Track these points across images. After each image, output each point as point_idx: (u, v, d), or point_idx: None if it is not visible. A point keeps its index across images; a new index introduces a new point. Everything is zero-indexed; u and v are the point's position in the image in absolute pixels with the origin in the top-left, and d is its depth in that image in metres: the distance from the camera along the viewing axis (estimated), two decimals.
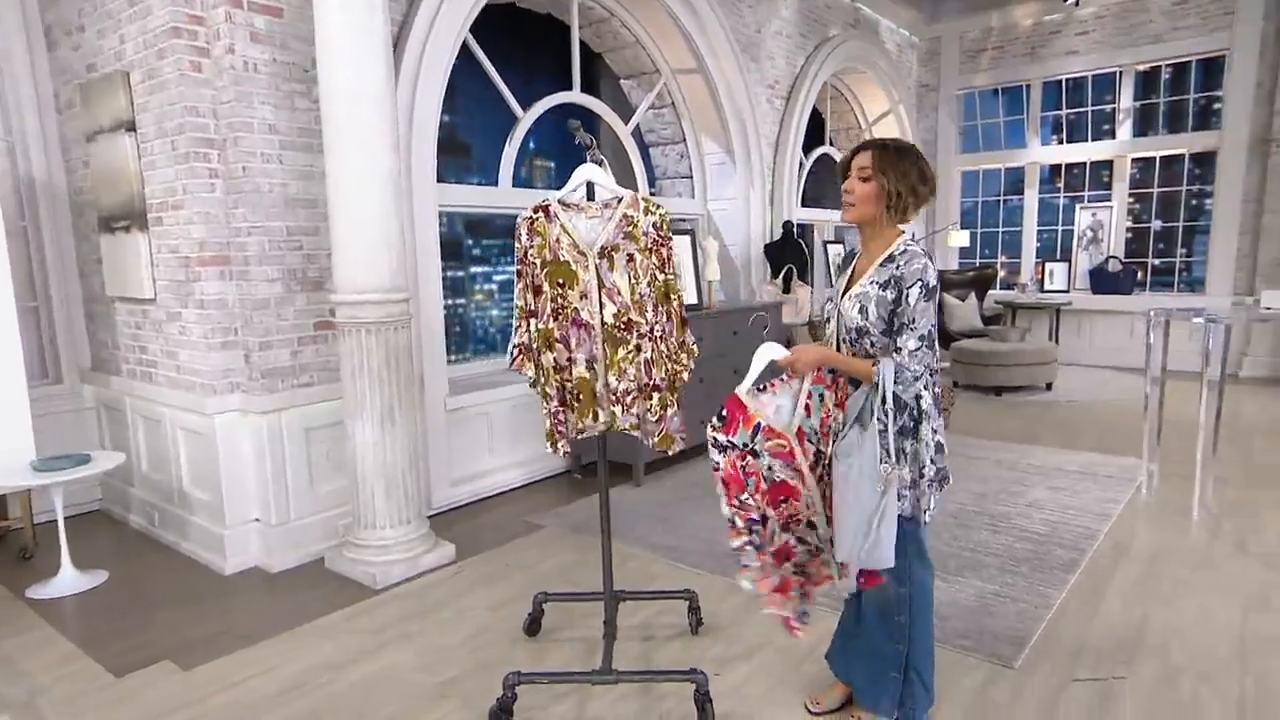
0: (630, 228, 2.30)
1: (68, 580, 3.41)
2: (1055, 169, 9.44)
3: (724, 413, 2.09)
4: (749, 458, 2.08)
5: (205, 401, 3.52)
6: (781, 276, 6.06)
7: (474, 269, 6.99)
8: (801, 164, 7.12)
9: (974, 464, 4.88)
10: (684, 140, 6.23)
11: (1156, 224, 9.08)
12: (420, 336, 4.04)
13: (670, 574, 3.31)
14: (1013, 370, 7.05)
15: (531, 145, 5.13)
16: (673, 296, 2.31)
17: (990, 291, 8.90)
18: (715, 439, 2.09)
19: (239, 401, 3.56)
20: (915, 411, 2.03)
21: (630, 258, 2.28)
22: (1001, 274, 9.40)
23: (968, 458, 5.01)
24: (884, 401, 1.97)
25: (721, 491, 2.10)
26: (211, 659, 2.76)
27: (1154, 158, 8.79)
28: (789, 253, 6.22)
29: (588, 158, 2.42)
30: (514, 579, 3.36)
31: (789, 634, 2.20)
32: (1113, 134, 8.91)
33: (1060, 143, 9.28)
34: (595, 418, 2.35)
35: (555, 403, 2.34)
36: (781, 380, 2.10)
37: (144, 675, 2.67)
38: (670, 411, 2.32)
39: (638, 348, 2.26)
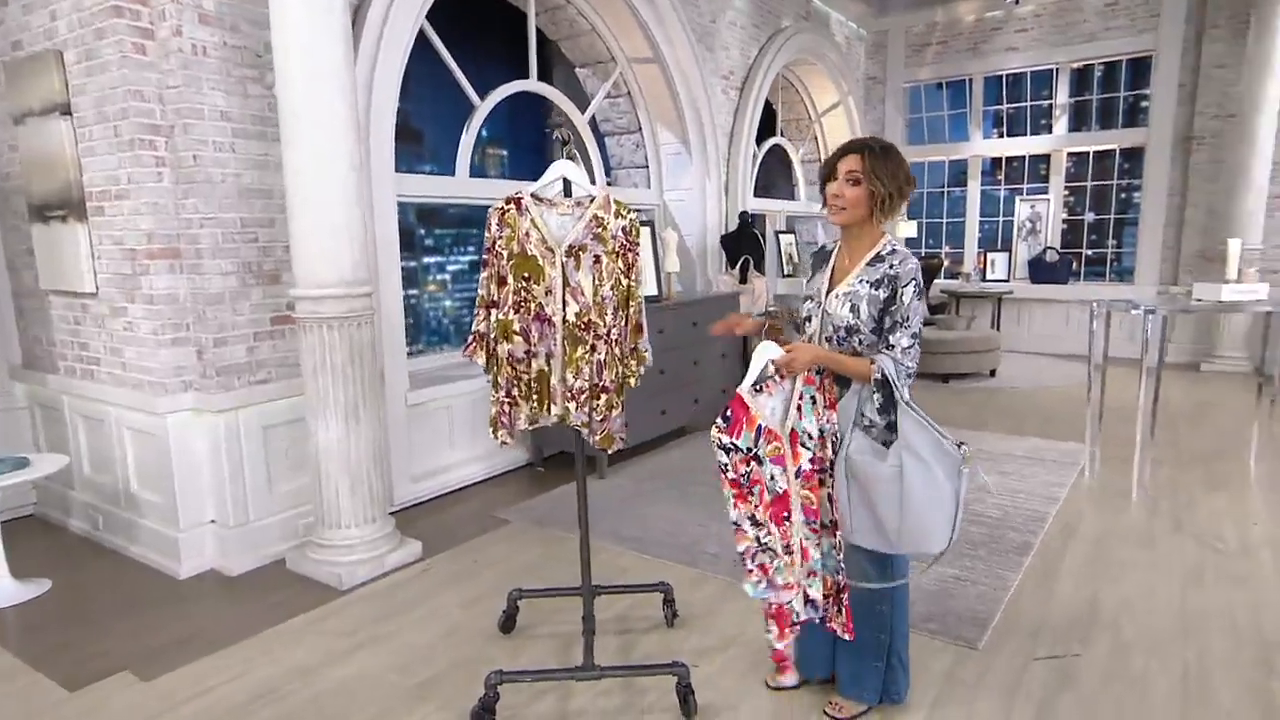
0: (600, 229, 2.30)
1: (6, 590, 3.26)
2: (996, 162, 9.74)
3: (728, 413, 2.06)
4: (753, 463, 2.07)
5: (156, 400, 3.40)
6: (738, 267, 6.13)
7: (426, 259, 6.90)
8: (755, 154, 7.19)
9: None
10: (640, 130, 6.24)
11: (1090, 216, 9.46)
12: (380, 330, 3.98)
13: (640, 566, 3.35)
14: (959, 358, 7.28)
15: (484, 133, 5.06)
16: (632, 303, 2.32)
17: (936, 281, 9.14)
18: (720, 440, 2.07)
19: (193, 400, 3.45)
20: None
21: (597, 259, 2.29)
22: (945, 263, 9.68)
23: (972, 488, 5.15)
24: (892, 395, 2.03)
25: (730, 494, 2.09)
26: (174, 667, 2.68)
27: (1088, 152, 9.15)
28: (745, 243, 6.29)
29: (564, 154, 2.41)
30: (484, 575, 3.34)
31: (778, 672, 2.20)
32: (1050, 129, 9.24)
33: (1001, 136, 9.57)
34: (549, 411, 2.36)
35: (503, 393, 2.34)
36: (775, 381, 2.10)
37: (101, 688, 2.58)
38: (614, 413, 2.35)
39: (593, 348, 2.27)
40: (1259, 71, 7.13)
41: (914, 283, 2.05)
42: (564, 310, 2.28)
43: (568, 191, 2.37)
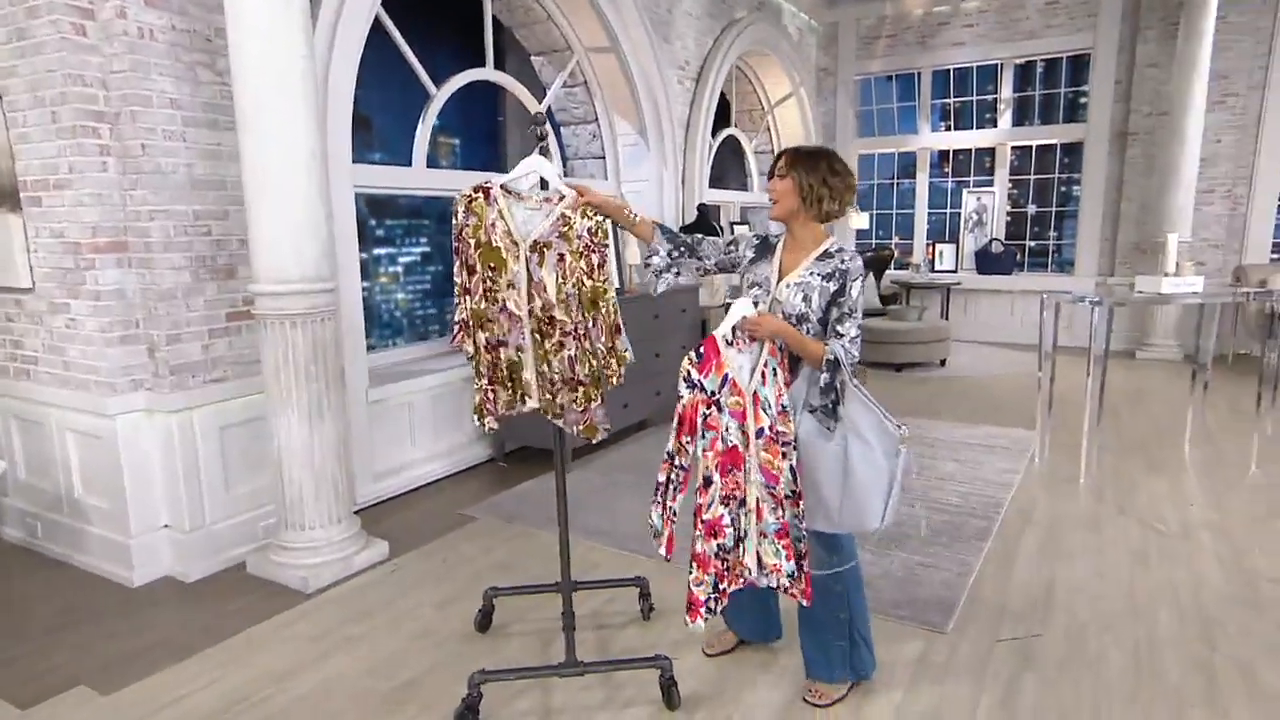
0: (565, 228, 2.30)
1: None
2: (944, 154, 9.99)
3: (701, 350, 2.19)
4: (713, 408, 2.18)
5: (105, 401, 3.29)
6: None
7: (377, 251, 6.78)
8: (710, 145, 7.25)
9: None
10: (596, 120, 6.23)
11: (1032, 208, 9.80)
12: (340, 326, 3.91)
13: (613, 560, 3.38)
14: (912, 348, 7.48)
15: (436, 122, 5.00)
16: (601, 303, 2.30)
17: (887, 271, 9.35)
18: (689, 373, 2.18)
19: (144, 400, 3.34)
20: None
21: (561, 257, 2.28)
22: (895, 254, 9.91)
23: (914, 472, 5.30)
24: (833, 377, 2.18)
25: (674, 427, 2.19)
26: (135, 680, 2.61)
27: (1030, 147, 9.46)
28: (705, 233, 6.35)
29: (537, 150, 2.41)
30: (455, 574, 3.33)
31: (688, 615, 2.22)
32: (994, 123, 9.53)
33: (948, 129, 9.83)
34: (524, 401, 2.38)
35: (485, 380, 2.35)
36: (744, 341, 2.21)
37: (57, 704, 2.49)
38: (594, 405, 2.37)
39: (560, 344, 2.29)
40: (1188, 71, 7.46)
41: (860, 279, 2.26)
42: (528, 304, 2.28)
43: (544, 185, 2.37)
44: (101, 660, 2.73)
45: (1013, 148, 9.50)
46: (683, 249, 2.43)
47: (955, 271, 9.57)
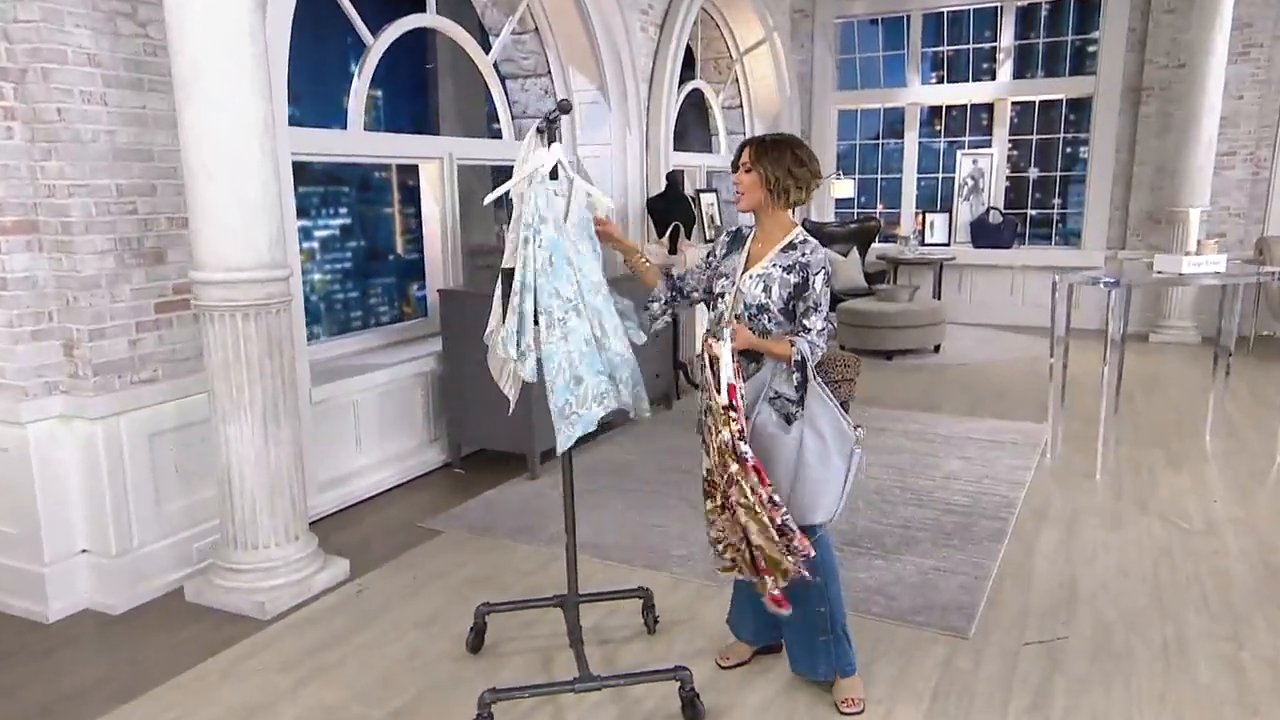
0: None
1: None
2: (935, 110, 10.54)
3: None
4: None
5: (14, 407, 3.42)
6: (668, 235, 6.51)
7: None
8: (676, 102, 7.57)
9: (883, 436, 5.60)
10: (549, 73, 6.49)
11: (1034, 172, 10.42)
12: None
13: (603, 572, 3.69)
14: (903, 333, 7.97)
15: (355, 73, 5.20)
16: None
17: (872, 246, 9.84)
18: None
19: (61, 405, 3.49)
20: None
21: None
22: (881, 226, 10.34)
23: (876, 429, 5.73)
24: (804, 374, 2.60)
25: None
26: None
27: (1033, 102, 10.05)
28: (675, 208, 6.68)
29: (538, 137, 2.71)
30: (429, 592, 3.60)
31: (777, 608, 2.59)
32: (993, 75, 10.09)
33: (940, 82, 10.37)
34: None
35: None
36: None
37: None
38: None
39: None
40: (1209, 17, 8.01)
41: (824, 271, 2.65)
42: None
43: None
44: (19, 712, 2.85)
45: (1013, 103, 10.04)
46: (674, 293, 2.92)
47: (948, 245, 10.11)
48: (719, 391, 2.46)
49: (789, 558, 2.49)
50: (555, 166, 2.68)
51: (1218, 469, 5.04)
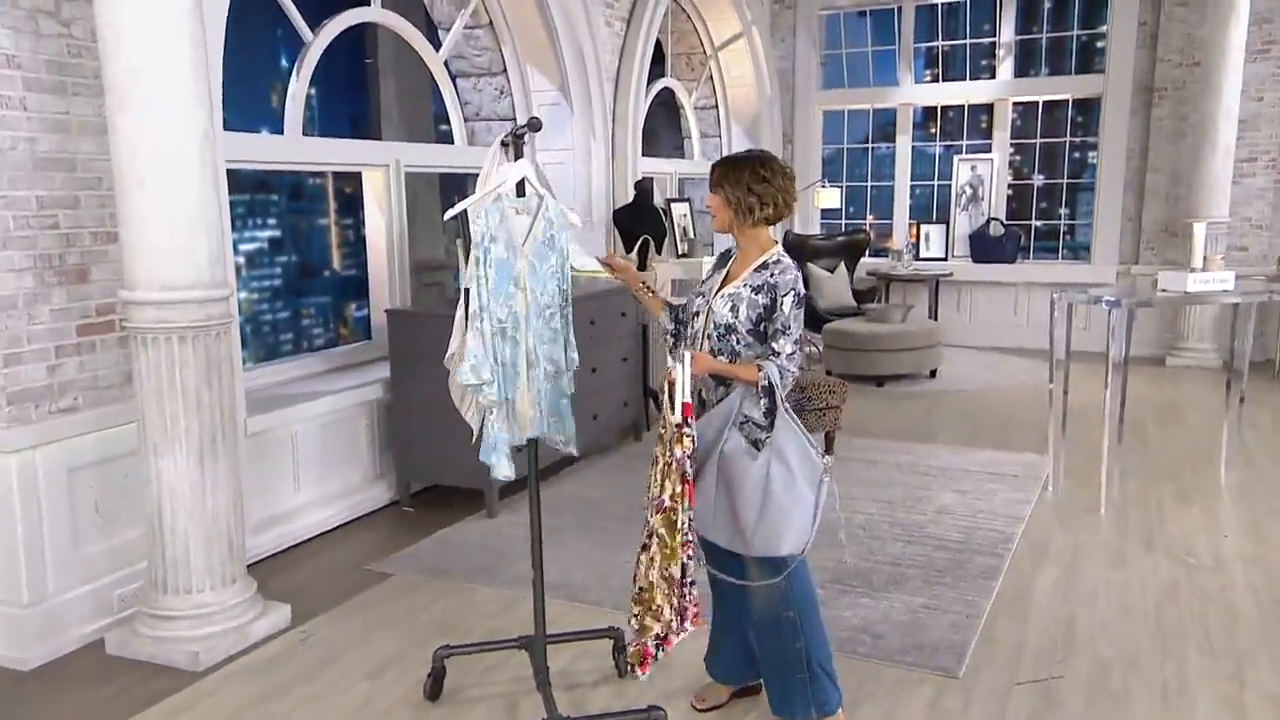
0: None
1: None
2: (930, 112, 10.94)
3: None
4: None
5: None
6: (636, 249, 6.78)
7: None
8: (644, 102, 7.88)
9: (873, 469, 5.88)
10: (504, 71, 6.77)
11: (1039, 180, 10.84)
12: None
13: (570, 614, 3.91)
14: (896, 357, 8.29)
15: (285, 67, 5.44)
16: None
17: (862, 260, 10.16)
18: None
19: None
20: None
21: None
22: (871, 239, 10.61)
23: (865, 461, 6.01)
24: (773, 400, 2.85)
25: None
26: None
27: (1036, 103, 10.47)
28: (644, 220, 6.96)
29: (503, 149, 2.96)
30: (382, 639, 3.80)
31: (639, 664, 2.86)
32: (992, 72, 10.51)
33: (935, 80, 10.78)
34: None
35: None
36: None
37: None
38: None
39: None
40: (1223, 11, 8.40)
41: (793, 292, 2.91)
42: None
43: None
44: None
45: (1015, 104, 10.45)
46: (677, 324, 3.17)
47: (945, 259, 10.47)
48: (673, 411, 2.72)
49: (667, 611, 2.75)
50: (522, 182, 2.93)
51: (1231, 503, 5.37)
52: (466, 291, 2.93)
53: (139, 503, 3.81)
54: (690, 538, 2.77)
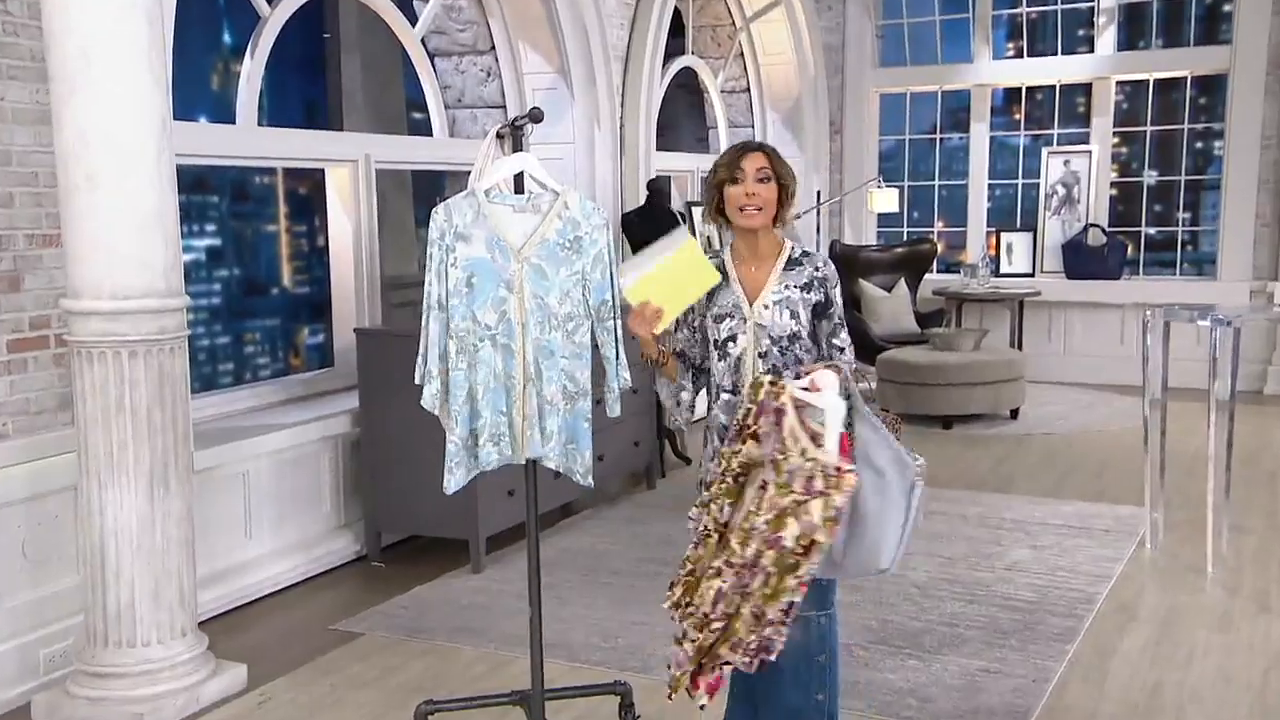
0: (781, 455, 3.20)
1: None
2: (1012, 94, 11.21)
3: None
4: None
5: None
6: None
7: None
8: (660, 86, 8.33)
9: (932, 520, 6.29)
10: (492, 49, 7.26)
11: (1151, 177, 11.04)
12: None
13: (573, 676, 4.32)
14: (968, 392, 8.67)
15: (228, 42, 5.93)
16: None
17: (927, 277, 10.55)
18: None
19: None
20: None
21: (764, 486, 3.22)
22: (939, 250, 11.02)
23: (925, 512, 6.41)
24: (851, 401, 3.17)
25: None
26: None
27: (1146, 81, 10.70)
28: (658, 227, 7.37)
29: (499, 141, 3.40)
30: (354, 701, 4.22)
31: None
32: (1090, 45, 10.80)
33: (1019, 55, 11.07)
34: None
35: None
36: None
37: None
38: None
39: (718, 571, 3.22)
40: None
41: (839, 282, 3.34)
42: None
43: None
44: None
45: (1119, 83, 10.76)
46: (691, 369, 3.44)
47: (1032, 275, 10.78)
48: (815, 444, 2.90)
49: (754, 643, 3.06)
50: (525, 177, 3.38)
51: None
52: None
53: (73, 546, 4.23)
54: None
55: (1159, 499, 6.09)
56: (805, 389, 2.95)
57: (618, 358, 3.48)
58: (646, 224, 7.50)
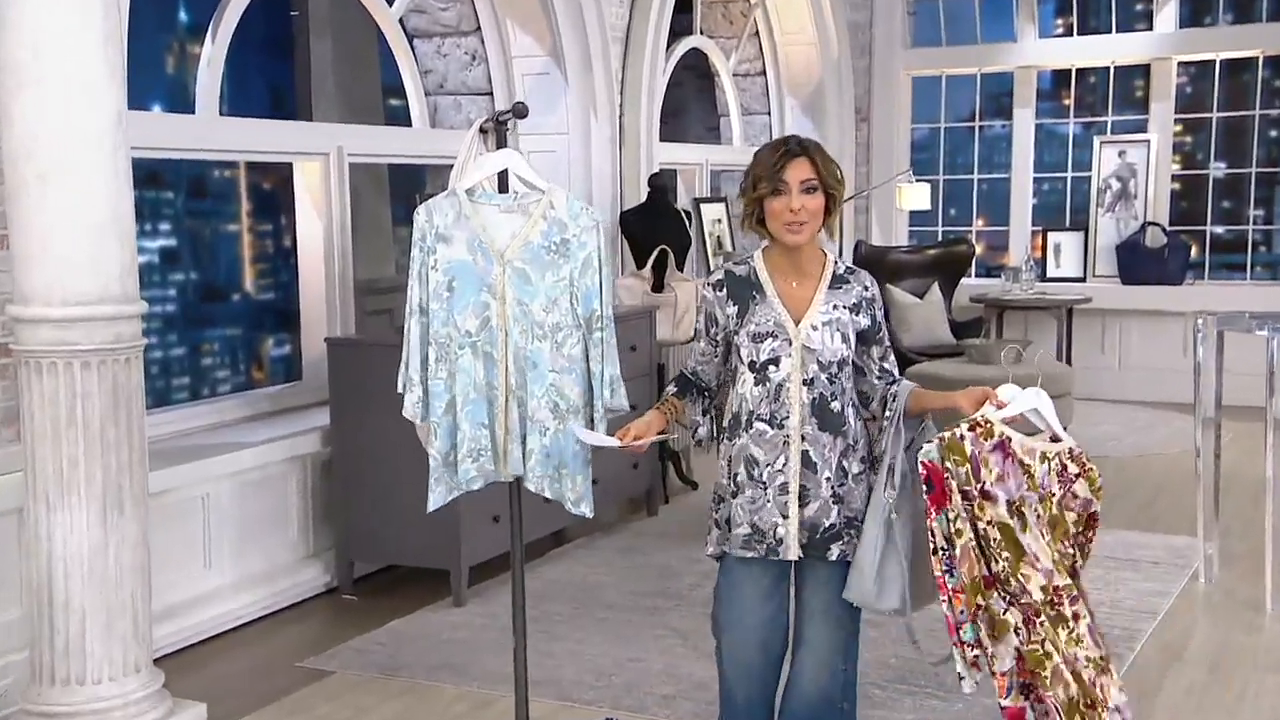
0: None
1: None
2: (1061, 77, 11.31)
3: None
4: None
5: None
6: (651, 264, 7.34)
7: None
8: (664, 70, 8.47)
9: None
10: (477, 30, 7.43)
11: (1218, 169, 11.10)
12: None
13: (560, 715, 4.52)
14: None
15: (184, 20, 6.08)
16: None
17: (964, 281, 10.63)
18: None
19: None
20: None
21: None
22: (977, 252, 11.06)
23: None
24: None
25: None
26: None
27: (1212, 62, 10.75)
28: (662, 226, 7.53)
29: (482, 138, 3.59)
30: None
31: None
32: (1149, 22, 10.88)
33: (1068, 33, 11.15)
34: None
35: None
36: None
37: None
38: None
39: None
40: None
41: (881, 301, 3.50)
42: None
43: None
44: None
45: (1181, 65, 10.87)
46: (702, 394, 3.57)
47: (1083, 280, 10.89)
48: (1054, 441, 3.29)
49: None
50: (509, 175, 3.59)
51: None
52: None
53: (17, 574, 4.42)
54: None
55: (1213, 529, 6.24)
56: (998, 408, 3.17)
57: (604, 374, 3.62)
58: (648, 222, 7.67)
